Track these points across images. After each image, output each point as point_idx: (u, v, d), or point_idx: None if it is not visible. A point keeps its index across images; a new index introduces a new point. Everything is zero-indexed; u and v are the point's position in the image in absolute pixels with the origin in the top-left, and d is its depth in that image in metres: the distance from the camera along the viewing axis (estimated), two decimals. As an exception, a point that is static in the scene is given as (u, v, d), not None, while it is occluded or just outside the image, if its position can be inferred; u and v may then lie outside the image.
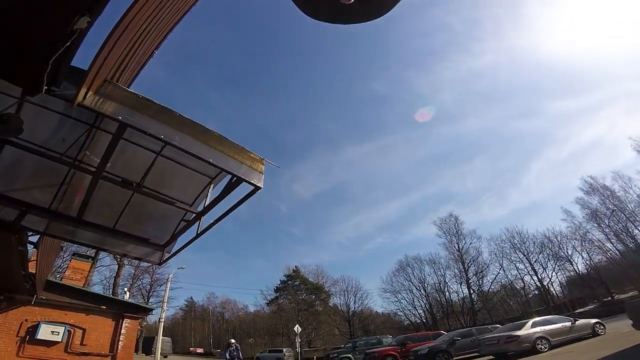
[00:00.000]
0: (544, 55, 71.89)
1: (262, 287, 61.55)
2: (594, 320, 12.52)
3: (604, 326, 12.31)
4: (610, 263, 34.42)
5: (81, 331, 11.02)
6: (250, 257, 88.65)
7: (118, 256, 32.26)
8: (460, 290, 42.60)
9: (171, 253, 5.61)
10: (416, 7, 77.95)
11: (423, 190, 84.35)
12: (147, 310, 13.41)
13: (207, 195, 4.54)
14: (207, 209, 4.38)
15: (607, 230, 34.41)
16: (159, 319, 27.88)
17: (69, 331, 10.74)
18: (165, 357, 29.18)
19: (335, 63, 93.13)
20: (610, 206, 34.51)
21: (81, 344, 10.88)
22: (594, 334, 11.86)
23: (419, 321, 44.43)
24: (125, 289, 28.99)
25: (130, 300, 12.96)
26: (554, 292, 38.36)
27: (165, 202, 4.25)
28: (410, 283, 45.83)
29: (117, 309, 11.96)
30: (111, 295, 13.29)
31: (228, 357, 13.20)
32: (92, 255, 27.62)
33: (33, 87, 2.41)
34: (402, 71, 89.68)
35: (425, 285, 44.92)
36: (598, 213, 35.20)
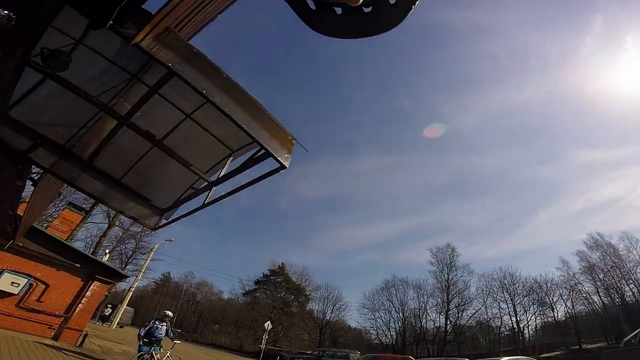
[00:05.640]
0: (587, 97, 67.17)
1: (242, 277, 60.54)
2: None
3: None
4: (590, 314, 35.52)
5: (44, 287, 10.53)
6: (239, 244, 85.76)
7: (112, 214, 31.36)
8: (438, 319, 43.01)
9: (169, 220, 5.54)
10: (462, 34, 76.08)
11: (425, 216, 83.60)
12: (122, 277, 12.94)
13: (224, 167, 4.51)
14: (221, 180, 4.35)
15: (599, 284, 35.46)
16: (130, 287, 26.84)
17: (31, 284, 10.21)
18: (121, 327, 28.58)
19: (368, 72, 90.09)
20: (610, 263, 35.40)
21: (38, 300, 10.32)
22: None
23: (388, 342, 44.46)
24: (107, 251, 27.97)
25: (107, 263, 12.55)
26: (527, 334, 38.57)
27: (181, 162, 4.22)
28: (390, 304, 46.37)
29: (91, 269, 11.48)
30: (90, 255, 12.82)
31: (143, 334, 8.53)
32: (87, 209, 26.56)
33: (99, 20, 2.46)
34: (433, 94, 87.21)
35: (405, 308, 45.41)
36: (595, 267, 36.25)
